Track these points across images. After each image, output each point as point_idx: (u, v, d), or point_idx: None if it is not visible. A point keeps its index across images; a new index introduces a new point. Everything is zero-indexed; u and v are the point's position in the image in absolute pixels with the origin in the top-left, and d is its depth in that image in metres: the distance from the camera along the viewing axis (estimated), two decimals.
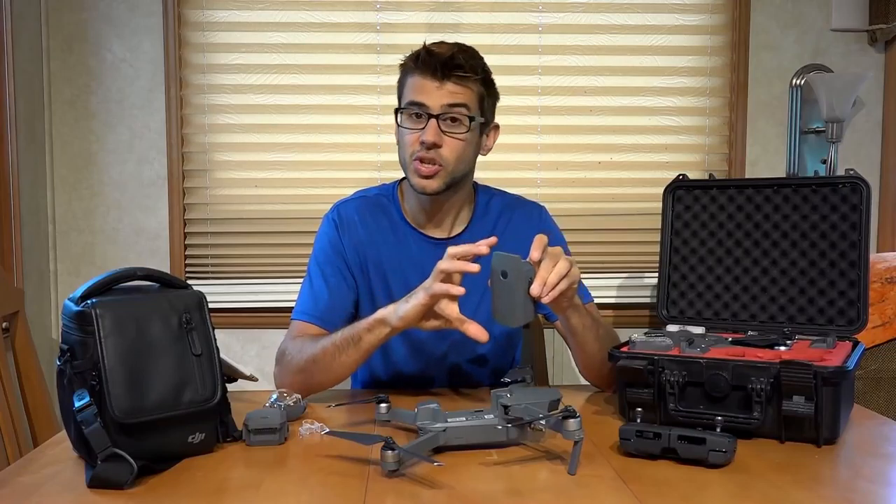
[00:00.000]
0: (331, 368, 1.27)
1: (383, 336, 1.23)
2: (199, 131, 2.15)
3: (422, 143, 1.32)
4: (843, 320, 1.29)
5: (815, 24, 2.19)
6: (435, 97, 1.32)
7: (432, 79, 1.32)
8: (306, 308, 1.40)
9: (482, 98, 1.37)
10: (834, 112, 2.05)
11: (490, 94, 1.40)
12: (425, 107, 1.32)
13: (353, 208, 1.46)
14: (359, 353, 1.25)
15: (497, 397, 1.07)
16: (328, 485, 0.94)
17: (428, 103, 1.32)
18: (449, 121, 1.33)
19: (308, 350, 1.30)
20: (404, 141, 1.36)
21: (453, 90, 1.32)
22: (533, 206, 1.52)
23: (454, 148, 1.34)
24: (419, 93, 1.33)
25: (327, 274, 1.41)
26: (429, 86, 1.32)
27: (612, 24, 2.17)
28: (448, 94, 1.32)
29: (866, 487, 0.93)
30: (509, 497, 0.89)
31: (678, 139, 2.21)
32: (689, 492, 0.90)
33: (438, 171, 1.33)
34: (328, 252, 1.43)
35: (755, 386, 1.07)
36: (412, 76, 1.35)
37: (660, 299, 1.43)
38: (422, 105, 1.32)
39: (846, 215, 1.30)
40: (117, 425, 0.94)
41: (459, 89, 1.33)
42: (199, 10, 2.12)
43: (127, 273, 1.04)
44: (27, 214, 1.98)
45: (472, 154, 1.39)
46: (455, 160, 1.34)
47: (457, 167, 1.35)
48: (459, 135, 1.33)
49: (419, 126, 1.33)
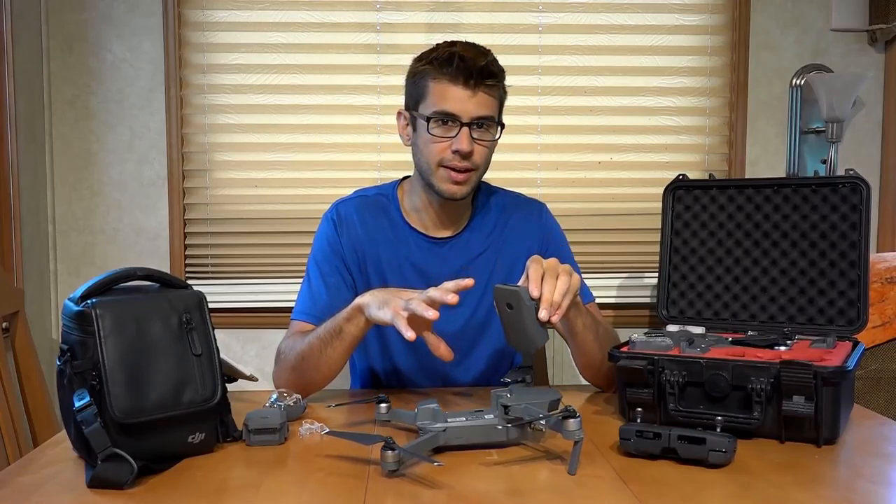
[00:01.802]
0: (319, 363, 1.28)
1: (363, 325, 1.24)
2: (199, 131, 2.15)
3: (455, 153, 1.31)
4: (843, 320, 1.29)
5: (815, 24, 2.19)
6: (469, 107, 1.31)
7: (464, 87, 1.30)
8: (305, 308, 1.40)
9: (502, 104, 1.39)
10: (834, 112, 2.05)
11: (505, 98, 1.41)
12: (457, 117, 1.31)
13: (352, 207, 1.46)
14: (343, 345, 1.26)
15: (497, 397, 1.07)
16: (328, 485, 0.94)
17: (460, 114, 1.30)
18: (480, 129, 1.33)
19: (298, 347, 1.31)
20: (431, 148, 1.34)
21: (484, 100, 1.32)
22: (533, 204, 1.52)
23: (483, 154, 1.35)
24: (450, 101, 1.31)
25: (325, 273, 1.41)
26: (461, 94, 1.30)
27: (612, 24, 2.17)
28: (479, 105, 1.31)
29: (866, 487, 0.93)
30: (509, 497, 0.89)
31: (678, 139, 2.21)
32: (689, 492, 0.90)
33: (470, 177, 1.35)
34: (326, 251, 1.43)
35: (755, 386, 1.07)
36: (439, 81, 1.32)
37: (660, 299, 1.43)
38: (454, 115, 1.31)
39: (846, 215, 1.30)
40: (117, 425, 0.94)
41: (488, 99, 1.33)
42: (199, 10, 2.12)
43: (127, 273, 1.04)
44: (27, 214, 1.98)
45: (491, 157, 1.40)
46: (483, 165, 1.37)
47: (484, 172, 1.38)
48: (489, 142, 1.35)
49: (449, 134, 1.32)
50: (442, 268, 1.40)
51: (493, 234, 1.45)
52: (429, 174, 1.36)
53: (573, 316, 1.25)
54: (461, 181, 1.33)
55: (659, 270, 1.43)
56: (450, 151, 1.31)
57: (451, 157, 1.32)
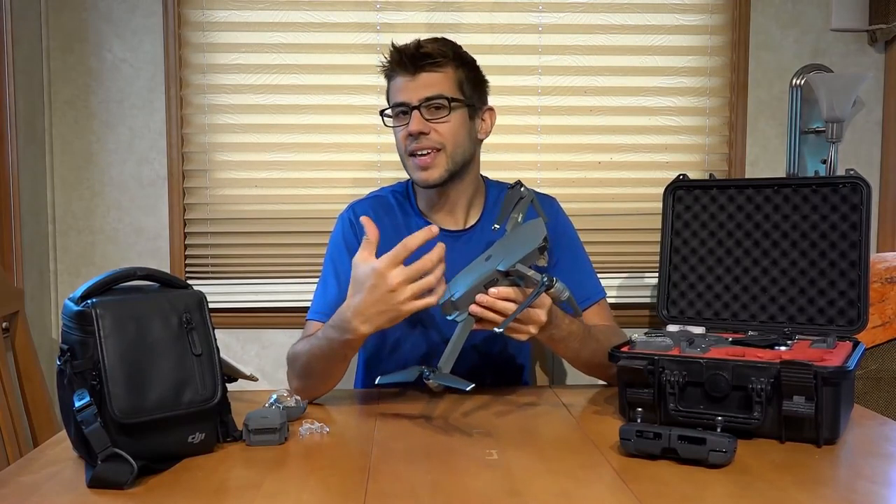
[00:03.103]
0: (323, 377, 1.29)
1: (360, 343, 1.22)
2: (199, 131, 2.15)
3: (410, 136, 1.35)
4: (844, 320, 1.29)
5: (815, 24, 2.19)
6: (411, 91, 1.36)
7: (405, 74, 1.37)
8: (319, 308, 1.41)
9: (461, 82, 1.39)
10: (834, 112, 2.05)
11: (471, 78, 1.42)
12: (405, 103, 1.36)
13: (368, 206, 1.49)
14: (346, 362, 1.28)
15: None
16: (328, 485, 0.94)
17: (406, 99, 1.36)
18: (432, 109, 1.36)
19: (301, 360, 1.30)
20: (398, 140, 1.40)
21: (428, 80, 1.36)
22: (544, 198, 1.53)
23: (445, 131, 1.37)
24: (398, 92, 1.38)
25: (340, 273, 1.42)
26: (404, 82, 1.37)
27: (612, 24, 2.17)
28: (423, 86, 1.36)
29: (866, 487, 0.93)
30: (509, 497, 0.89)
31: (678, 139, 2.21)
32: (689, 492, 0.90)
33: (436, 157, 1.36)
34: (342, 251, 1.44)
35: (755, 386, 1.07)
36: (391, 80, 1.41)
37: (660, 299, 1.43)
38: (402, 103, 1.36)
39: (846, 215, 1.30)
40: (117, 425, 0.94)
41: (434, 78, 1.36)
42: (199, 10, 2.12)
43: (127, 273, 1.04)
44: (27, 214, 1.97)
45: (467, 137, 1.40)
46: (451, 143, 1.37)
47: (455, 150, 1.38)
48: (443, 118, 1.36)
49: (405, 122, 1.37)
50: (458, 260, 1.40)
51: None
52: (405, 167, 1.42)
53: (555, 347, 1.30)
54: (426, 165, 1.36)
55: (659, 270, 1.43)
56: (408, 138, 1.36)
57: (409, 143, 1.36)
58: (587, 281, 1.50)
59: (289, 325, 2.11)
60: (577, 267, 1.49)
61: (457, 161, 1.38)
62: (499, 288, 1.13)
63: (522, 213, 1.28)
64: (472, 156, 1.42)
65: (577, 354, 1.34)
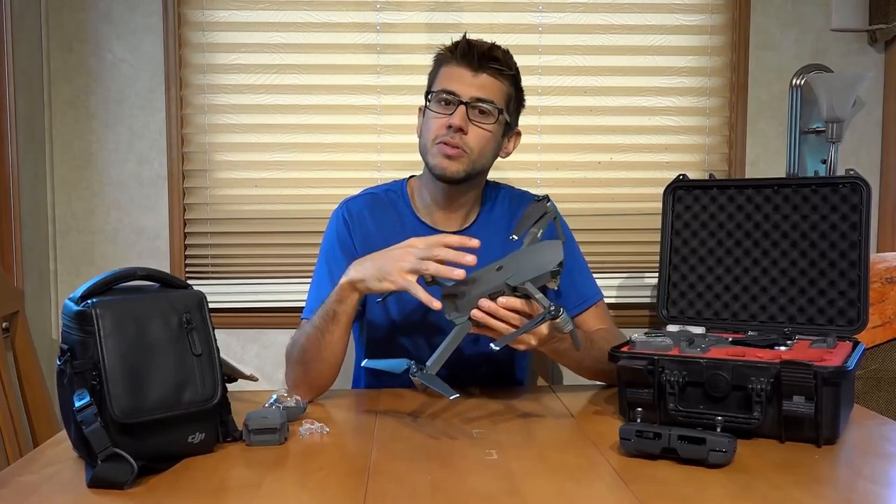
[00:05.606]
0: (320, 351, 1.28)
1: (355, 302, 1.24)
2: (199, 131, 2.15)
3: (449, 128, 1.33)
4: (844, 320, 1.29)
5: (815, 24, 2.19)
6: (468, 86, 1.34)
7: (468, 68, 1.35)
8: (313, 307, 1.40)
9: (510, 98, 1.39)
10: (834, 112, 2.05)
11: (518, 98, 1.42)
12: (456, 94, 1.34)
13: (363, 203, 1.48)
14: (340, 328, 1.27)
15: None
16: (328, 485, 0.94)
17: (459, 91, 1.34)
18: (477, 111, 1.35)
19: (298, 342, 1.31)
20: (429, 126, 1.38)
21: (486, 83, 1.35)
22: None
23: (479, 137, 1.35)
24: (452, 81, 1.35)
25: (333, 270, 1.41)
26: (463, 74, 1.35)
27: (612, 24, 2.17)
28: (480, 86, 1.34)
29: (866, 487, 0.93)
30: (509, 497, 0.89)
31: (678, 139, 2.21)
32: (689, 492, 0.90)
33: (462, 156, 1.35)
34: (336, 250, 1.44)
35: (755, 386, 1.07)
36: (447, 65, 1.38)
37: (660, 299, 1.43)
38: (453, 93, 1.34)
39: (846, 215, 1.30)
40: (117, 425, 0.94)
41: (492, 83, 1.35)
42: (199, 10, 2.12)
43: (127, 273, 1.04)
44: (27, 214, 1.97)
45: (494, 150, 1.41)
46: (479, 150, 1.36)
47: (479, 158, 1.37)
48: (486, 125, 1.36)
49: (447, 112, 1.35)
50: None
51: (502, 228, 1.46)
52: (426, 153, 1.39)
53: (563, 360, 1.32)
54: (452, 155, 1.34)
55: (659, 270, 1.44)
56: (445, 128, 1.34)
57: (445, 132, 1.34)
58: (584, 283, 1.51)
59: (289, 325, 2.10)
60: (573, 268, 1.48)
61: (476, 169, 1.38)
62: (507, 298, 1.13)
63: (543, 229, 1.25)
64: (488, 168, 1.43)
65: (579, 363, 1.36)
